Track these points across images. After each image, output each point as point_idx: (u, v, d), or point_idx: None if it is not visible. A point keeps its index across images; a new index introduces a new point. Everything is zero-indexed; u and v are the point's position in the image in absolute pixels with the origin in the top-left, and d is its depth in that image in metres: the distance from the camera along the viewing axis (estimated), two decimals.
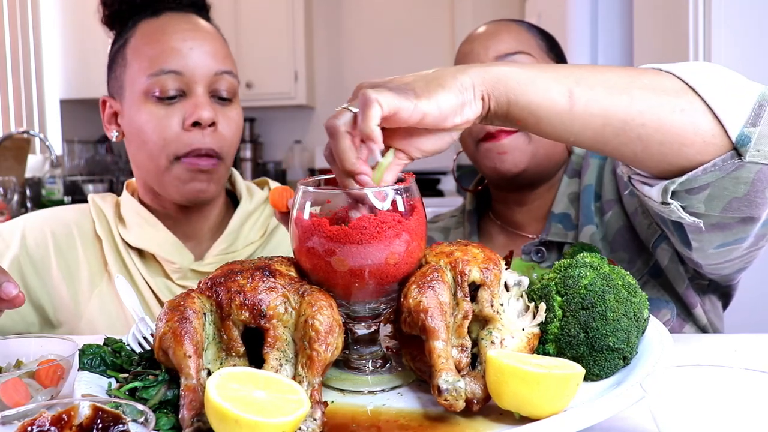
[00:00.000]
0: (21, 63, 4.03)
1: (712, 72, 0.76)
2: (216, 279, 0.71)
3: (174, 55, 1.11)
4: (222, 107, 1.15)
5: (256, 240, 1.23)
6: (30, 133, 3.79)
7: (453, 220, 1.40)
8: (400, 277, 0.71)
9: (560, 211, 1.21)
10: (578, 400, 0.64)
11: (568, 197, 1.22)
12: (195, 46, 1.12)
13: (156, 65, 1.10)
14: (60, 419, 0.53)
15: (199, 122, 1.10)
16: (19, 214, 3.44)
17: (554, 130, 0.75)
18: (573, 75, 0.74)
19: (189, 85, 1.11)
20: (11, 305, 0.77)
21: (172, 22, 1.15)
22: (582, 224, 1.17)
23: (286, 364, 0.67)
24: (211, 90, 1.14)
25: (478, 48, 1.21)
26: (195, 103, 1.11)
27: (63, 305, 1.17)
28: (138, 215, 1.19)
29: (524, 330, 0.71)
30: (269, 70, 4.68)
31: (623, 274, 0.76)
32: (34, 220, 1.22)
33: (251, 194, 1.28)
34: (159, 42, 1.12)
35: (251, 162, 5.02)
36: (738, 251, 0.88)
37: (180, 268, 1.15)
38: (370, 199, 0.69)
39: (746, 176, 0.74)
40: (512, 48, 1.19)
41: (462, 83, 0.71)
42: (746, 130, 0.72)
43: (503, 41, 1.20)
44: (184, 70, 1.11)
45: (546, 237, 1.19)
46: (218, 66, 1.13)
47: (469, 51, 1.23)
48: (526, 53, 1.19)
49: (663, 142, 0.73)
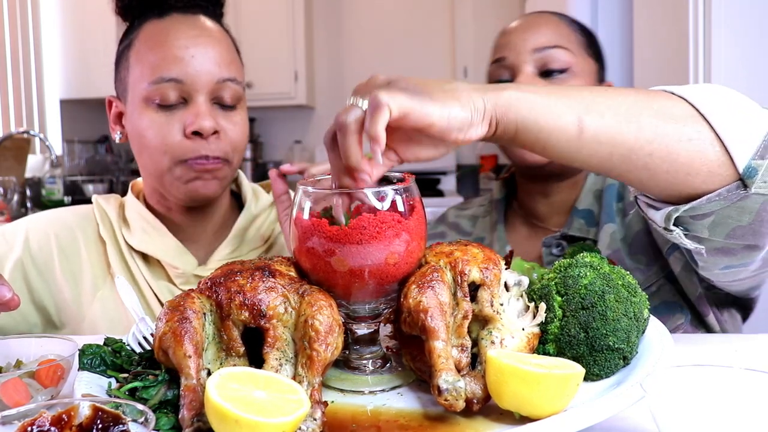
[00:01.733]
0: (21, 63, 4.03)
1: (724, 98, 0.75)
2: (216, 279, 0.71)
3: (175, 63, 1.09)
4: (225, 113, 1.13)
5: (260, 245, 1.22)
6: (30, 133, 3.79)
7: (481, 209, 1.42)
8: (400, 277, 0.71)
9: (584, 207, 1.22)
10: (578, 400, 0.64)
11: (593, 194, 1.23)
12: (197, 53, 1.10)
13: (156, 73, 1.09)
14: (60, 419, 0.53)
15: (200, 132, 1.08)
16: (19, 214, 3.44)
17: (560, 155, 0.75)
18: (584, 101, 0.74)
19: (190, 93, 1.09)
20: (5, 308, 0.76)
21: (177, 25, 1.12)
22: (603, 222, 1.18)
23: (286, 364, 0.67)
24: (214, 97, 1.11)
25: (516, 40, 1.21)
26: (196, 112, 1.09)
27: (66, 307, 1.16)
28: (142, 218, 1.18)
29: (524, 330, 0.71)
30: (269, 70, 4.68)
31: (623, 274, 0.76)
32: (38, 222, 1.21)
33: (257, 197, 1.26)
34: (161, 48, 1.10)
35: (251, 162, 5.02)
36: (745, 273, 0.88)
37: (183, 273, 1.14)
38: (369, 198, 0.69)
39: (751, 206, 0.74)
40: (550, 41, 1.19)
41: (475, 103, 0.71)
42: (754, 162, 0.71)
43: (542, 34, 1.20)
44: (185, 79, 1.09)
45: (567, 231, 1.21)
46: (221, 74, 1.11)
47: (506, 43, 1.23)
48: (563, 48, 1.19)
49: (669, 171, 0.74)
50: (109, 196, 1.25)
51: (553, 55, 1.18)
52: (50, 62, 4.32)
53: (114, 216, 1.20)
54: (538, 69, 1.19)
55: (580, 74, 1.20)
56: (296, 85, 4.91)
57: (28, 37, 4.10)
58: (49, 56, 4.30)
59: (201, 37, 1.12)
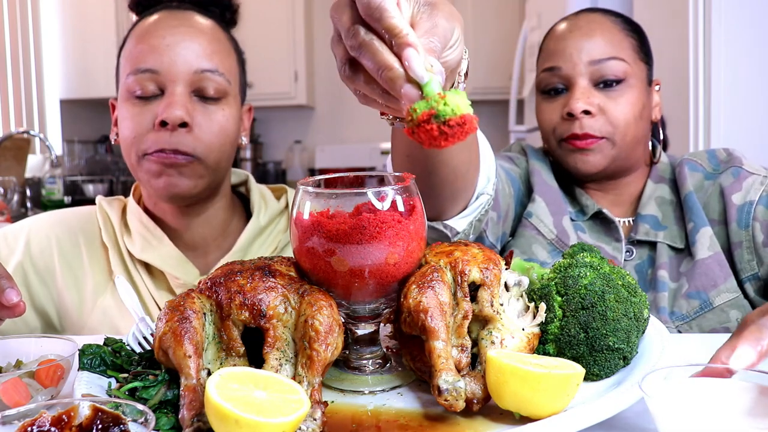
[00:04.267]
0: (21, 63, 4.03)
1: None
2: (216, 279, 0.71)
3: (150, 53, 1.07)
4: (205, 107, 1.09)
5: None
6: (30, 133, 3.79)
7: None
8: (400, 277, 0.71)
9: (647, 213, 1.25)
10: (578, 400, 0.64)
11: (655, 200, 1.26)
12: (173, 42, 1.08)
13: (135, 64, 1.08)
14: (60, 419, 0.53)
15: (167, 122, 1.05)
16: (19, 214, 3.44)
17: None
18: None
19: (165, 83, 1.07)
20: (11, 313, 0.74)
21: (163, 20, 1.11)
22: (698, 225, 1.19)
23: (286, 364, 0.67)
24: (195, 89, 1.09)
25: (570, 49, 1.21)
26: (168, 102, 1.06)
27: (67, 312, 1.15)
28: (142, 225, 1.16)
29: (524, 330, 0.71)
30: (269, 70, 4.69)
31: (623, 274, 0.76)
32: (40, 225, 1.19)
33: (266, 204, 1.22)
34: (141, 40, 1.09)
35: (251, 162, 5.03)
36: None
37: (184, 284, 1.12)
38: (369, 197, 0.69)
39: None
40: (606, 53, 1.20)
41: None
42: None
43: (597, 44, 1.20)
44: (160, 68, 1.07)
45: (635, 237, 1.24)
46: (199, 64, 1.08)
47: (560, 51, 1.23)
48: (619, 59, 1.20)
49: None
50: (112, 199, 1.23)
51: (609, 68, 1.20)
52: (50, 62, 4.32)
53: (117, 221, 1.18)
54: (594, 81, 1.21)
55: (634, 83, 1.22)
56: (296, 85, 4.92)
57: (28, 37, 4.10)
58: (49, 56, 4.30)
59: (180, 27, 1.10)
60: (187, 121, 1.06)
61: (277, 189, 1.30)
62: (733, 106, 1.91)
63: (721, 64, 1.91)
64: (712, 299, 1.14)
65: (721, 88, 1.92)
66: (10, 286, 0.74)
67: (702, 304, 1.15)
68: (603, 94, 1.20)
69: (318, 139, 5.32)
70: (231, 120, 1.12)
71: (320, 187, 0.75)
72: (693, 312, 1.15)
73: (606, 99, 1.20)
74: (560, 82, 1.23)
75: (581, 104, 1.19)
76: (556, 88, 1.24)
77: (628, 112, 1.21)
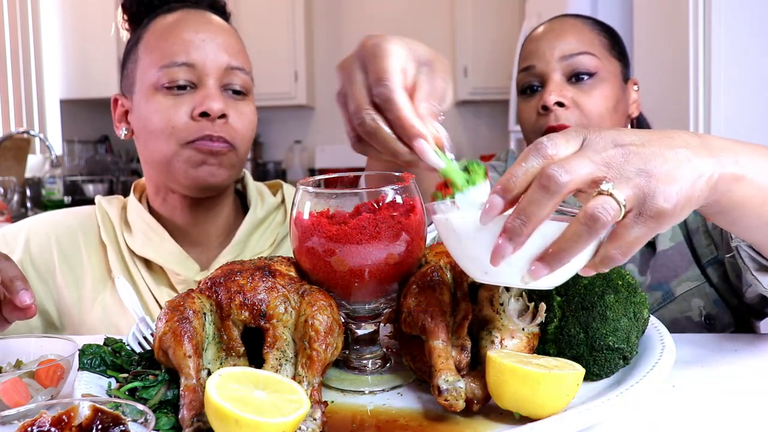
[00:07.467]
0: (21, 63, 4.03)
1: None
2: (216, 279, 0.71)
3: (186, 47, 1.10)
4: (235, 101, 1.13)
5: (264, 249, 1.20)
6: (30, 133, 3.79)
7: None
8: (400, 277, 0.71)
9: None
10: (578, 400, 0.64)
11: None
12: (207, 38, 1.11)
13: (168, 57, 1.09)
14: (60, 420, 0.53)
15: (208, 113, 1.08)
16: (19, 214, 3.44)
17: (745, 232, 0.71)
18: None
19: (200, 77, 1.10)
20: (23, 315, 0.75)
21: (186, 17, 1.14)
22: None
23: (286, 364, 0.67)
24: (224, 83, 1.12)
25: (543, 48, 1.26)
26: (205, 94, 1.09)
27: (67, 311, 1.16)
28: (143, 222, 1.17)
29: (524, 330, 0.71)
30: (269, 70, 4.69)
31: (623, 274, 0.76)
32: (39, 224, 1.20)
33: (263, 199, 1.25)
34: (171, 35, 1.11)
35: (251, 162, 5.03)
36: None
37: (185, 280, 1.13)
38: (369, 197, 0.69)
39: None
40: (577, 48, 1.24)
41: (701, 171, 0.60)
42: None
43: (567, 41, 1.25)
44: (196, 62, 1.10)
45: None
46: (231, 60, 1.12)
47: (534, 51, 1.27)
48: (589, 53, 1.23)
49: None
50: (111, 198, 1.24)
51: (580, 62, 1.23)
52: (50, 62, 4.32)
53: (116, 219, 1.19)
54: (567, 75, 1.24)
55: (606, 77, 1.25)
56: (296, 85, 4.92)
57: (28, 37, 4.10)
58: (49, 56, 4.30)
59: (210, 24, 1.14)
60: (226, 113, 1.10)
61: (273, 185, 1.32)
62: (733, 106, 1.91)
63: (721, 64, 1.91)
64: (673, 289, 1.17)
65: (721, 89, 1.92)
66: (24, 288, 0.75)
67: (664, 295, 1.17)
68: (576, 87, 1.23)
69: (318, 139, 5.32)
70: (254, 115, 1.17)
71: (320, 187, 0.75)
72: (656, 304, 1.17)
73: (579, 92, 1.23)
74: (536, 80, 1.27)
75: (554, 96, 1.21)
76: (532, 86, 1.27)
77: (600, 105, 1.23)
